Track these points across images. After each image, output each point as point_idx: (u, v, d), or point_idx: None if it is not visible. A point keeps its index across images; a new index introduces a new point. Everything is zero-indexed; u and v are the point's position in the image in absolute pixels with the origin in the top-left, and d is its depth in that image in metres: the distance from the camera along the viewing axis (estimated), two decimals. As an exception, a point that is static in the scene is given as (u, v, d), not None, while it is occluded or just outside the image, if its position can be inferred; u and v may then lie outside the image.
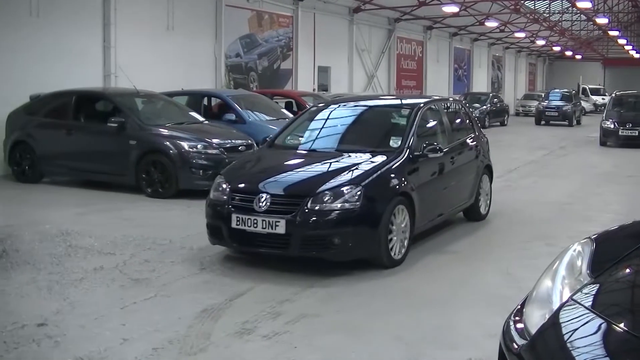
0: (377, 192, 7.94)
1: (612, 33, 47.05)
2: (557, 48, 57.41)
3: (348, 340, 5.86)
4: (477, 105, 35.39)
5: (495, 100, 38.04)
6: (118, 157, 13.09)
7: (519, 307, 3.90)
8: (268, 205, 7.65)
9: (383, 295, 7.16)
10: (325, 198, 7.62)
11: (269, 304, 6.57)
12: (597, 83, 65.70)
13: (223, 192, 8.12)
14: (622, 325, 3.30)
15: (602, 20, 41.73)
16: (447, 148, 9.51)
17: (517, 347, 3.54)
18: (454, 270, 8.24)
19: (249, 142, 13.46)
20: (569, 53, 61.03)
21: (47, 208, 11.65)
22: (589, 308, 3.48)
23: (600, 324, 3.33)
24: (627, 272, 3.85)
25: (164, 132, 13.15)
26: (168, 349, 5.60)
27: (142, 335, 5.88)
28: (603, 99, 55.33)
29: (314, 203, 7.58)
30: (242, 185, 8.17)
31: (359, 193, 7.70)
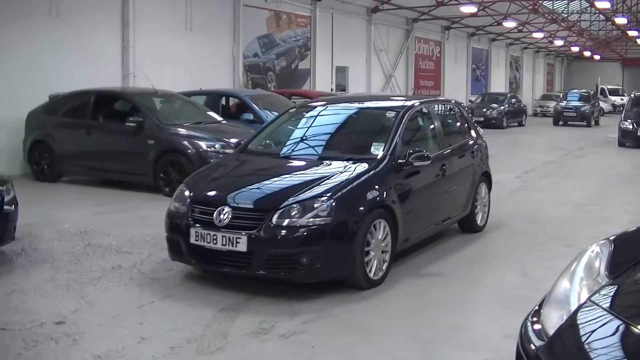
0: (351, 205, 7.12)
1: (631, 33, 46.82)
2: (575, 48, 57.16)
3: (364, 340, 5.86)
4: (495, 106, 35.31)
5: (513, 101, 37.90)
6: (136, 156, 13.13)
7: (537, 308, 3.89)
8: (229, 219, 6.90)
9: (397, 297, 7.16)
10: (293, 212, 6.82)
11: (286, 304, 6.58)
12: (615, 83, 65.31)
13: (184, 202, 7.39)
14: (640, 327, 3.30)
15: (621, 20, 41.48)
16: (437, 154, 8.76)
17: (534, 348, 3.53)
18: (468, 272, 8.22)
19: (267, 141, 13.45)
20: (588, 53, 60.72)
21: (65, 207, 11.72)
22: (607, 309, 3.48)
23: (618, 326, 3.33)
24: (645, 273, 3.84)
25: (182, 131, 13.18)
26: (185, 348, 5.62)
27: (159, 334, 5.90)
28: (621, 100, 55.01)
29: (280, 218, 6.79)
30: (203, 196, 7.41)
31: (331, 206, 6.89)
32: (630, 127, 25.33)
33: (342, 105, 9.76)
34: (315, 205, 6.88)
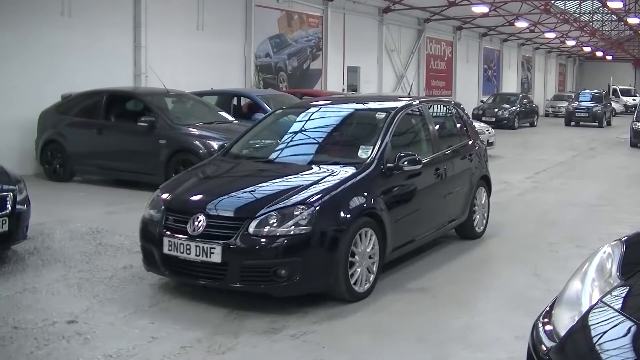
0: (335, 212, 6.64)
1: (643, 33, 46.65)
2: (587, 48, 56.93)
3: (374, 341, 5.86)
4: (506, 106, 35.22)
5: (525, 101, 37.79)
6: (148, 156, 13.16)
7: (548, 309, 3.89)
8: (204, 228, 6.49)
9: (405, 298, 7.15)
10: (271, 220, 6.38)
11: (297, 304, 6.57)
12: (627, 84, 65.08)
13: (158, 209, 6.99)
14: (652, 328, 3.29)
15: (633, 21, 41.25)
16: (430, 158, 8.35)
17: (545, 349, 3.52)
18: (478, 273, 8.20)
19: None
20: (600, 54, 60.47)
21: (77, 206, 11.76)
22: (619, 310, 3.47)
23: (630, 327, 3.32)
24: (657, 274, 3.84)
25: (194, 131, 13.20)
26: (196, 348, 5.63)
27: (170, 334, 5.92)
28: (634, 100, 54.92)
29: (257, 226, 6.36)
30: (177, 203, 6.99)
31: (312, 214, 6.44)
32: (643, 127, 25.28)
33: (330, 107, 9.13)
34: (295, 213, 6.44)
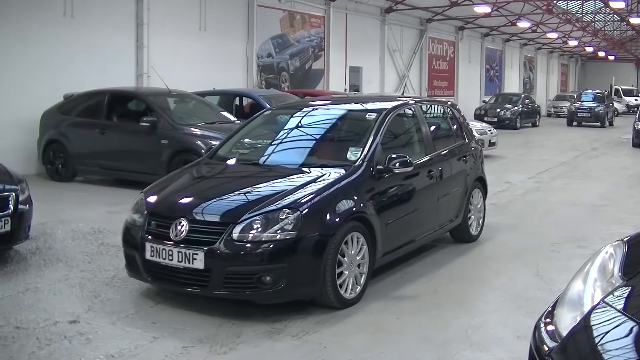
0: (321, 217, 6.46)
1: (646, 33, 46.61)
2: (589, 49, 56.92)
3: (376, 341, 5.86)
4: (508, 106, 35.21)
5: (527, 101, 37.76)
6: (150, 156, 13.17)
7: (550, 309, 3.88)
8: (186, 233, 6.31)
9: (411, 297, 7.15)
10: (255, 225, 6.20)
11: (299, 304, 6.56)
12: (630, 84, 65.07)
13: (141, 213, 6.83)
14: (654, 329, 3.29)
15: (635, 21, 41.25)
16: (423, 160, 8.16)
17: (547, 349, 3.52)
18: (480, 272, 8.20)
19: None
20: (602, 54, 60.44)
21: (79, 206, 11.77)
22: (621, 311, 3.47)
23: (632, 327, 3.32)
24: (659, 275, 3.83)
25: (196, 131, 13.20)
26: (198, 348, 5.63)
27: (172, 334, 5.92)
28: (636, 100, 54.94)
29: (241, 231, 6.18)
30: (160, 207, 6.80)
31: (298, 219, 6.25)
32: (645, 127, 25.27)
33: (320, 108, 8.86)
34: (281, 218, 6.25)
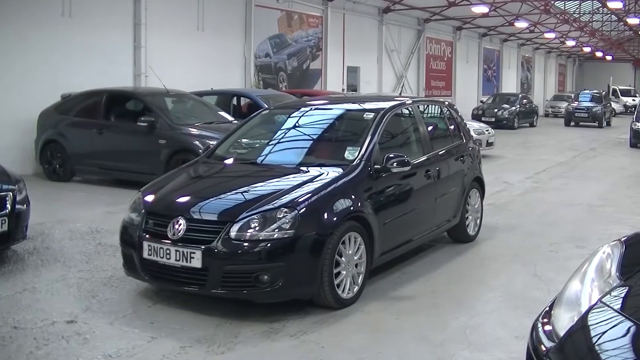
0: (319, 216, 6.46)
1: (643, 34, 46.65)
2: (587, 49, 56.96)
3: (375, 341, 5.86)
4: (506, 106, 35.21)
5: (525, 101, 37.76)
6: (148, 156, 13.16)
7: (547, 309, 3.89)
8: (184, 232, 6.32)
9: (409, 298, 7.16)
10: (252, 224, 6.20)
11: (297, 304, 6.56)
12: (627, 84, 65.12)
13: (139, 212, 6.84)
14: (651, 329, 3.29)
15: (633, 21, 41.27)
16: (420, 159, 8.16)
17: (545, 349, 3.52)
18: (478, 272, 8.20)
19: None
20: (600, 54, 60.50)
21: (77, 206, 11.77)
22: (618, 311, 3.47)
23: (629, 327, 3.32)
24: (657, 275, 3.84)
25: (194, 131, 13.19)
26: (196, 348, 5.63)
27: (170, 334, 5.92)
28: (634, 100, 54.93)
29: (238, 230, 6.18)
30: (158, 206, 6.80)
31: (295, 218, 6.25)
32: (643, 128, 25.29)
33: (318, 107, 8.82)
34: (279, 217, 6.25)
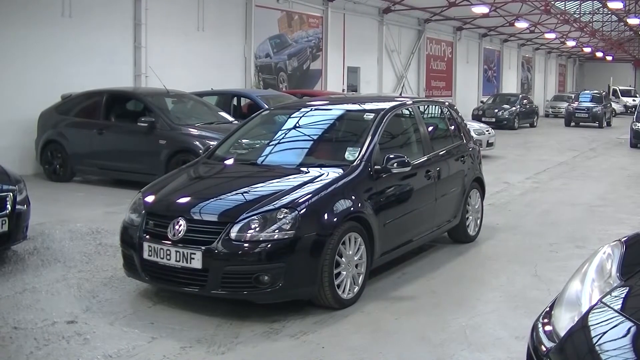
0: (319, 216, 6.46)
1: (644, 34, 46.65)
2: (587, 49, 56.97)
3: (375, 341, 5.86)
4: (506, 107, 35.21)
5: (525, 102, 37.76)
6: (148, 156, 13.17)
7: (548, 309, 3.89)
8: (184, 233, 6.32)
9: (410, 298, 7.16)
10: (253, 225, 6.20)
11: (297, 304, 6.56)
12: (627, 84, 65.15)
13: (139, 213, 6.84)
14: (651, 329, 3.29)
15: (633, 21, 41.23)
16: (421, 160, 8.16)
17: (545, 349, 3.52)
18: (478, 272, 8.20)
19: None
20: (600, 54, 60.49)
21: (77, 207, 11.77)
22: (619, 311, 3.47)
23: (630, 327, 3.32)
24: (657, 275, 3.84)
25: (194, 131, 13.20)
26: (196, 348, 5.63)
27: (170, 334, 5.92)
28: (634, 101, 54.94)
29: (239, 231, 6.18)
30: (158, 207, 6.80)
31: (295, 218, 6.24)
32: (643, 128, 25.29)
33: (318, 108, 8.81)
34: (279, 217, 6.25)
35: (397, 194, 7.61)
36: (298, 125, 8.40)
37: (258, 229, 6.20)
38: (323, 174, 7.02)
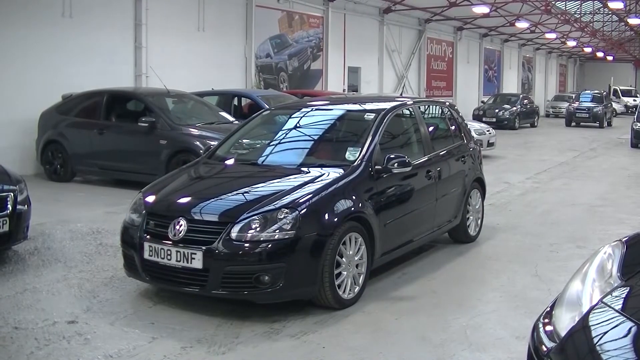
0: (320, 216, 6.45)
1: (644, 34, 46.63)
2: (588, 49, 56.93)
3: (375, 341, 5.86)
4: (507, 107, 35.21)
5: (526, 102, 37.76)
6: (149, 156, 13.17)
7: (548, 309, 3.88)
8: (185, 233, 6.32)
9: (410, 298, 7.16)
10: (253, 225, 6.20)
11: (297, 304, 6.56)
12: (628, 84, 65.18)
13: (139, 213, 6.84)
14: (652, 329, 3.29)
15: (634, 21, 41.19)
16: (421, 160, 8.15)
17: (546, 349, 3.52)
18: (479, 272, 8.20)
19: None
20: (600, 54, 60.44)
21: (78, 207, 11.77)
22: (619, 311, 3.47)
23: (631, 327, 3.32)
24: (657, 275, 3.83)
25: (194, 131, 13.20)
26: (196, 348, 5.63)
27: (170, 334, 5.92)
28: (634, 101, 54.95)
29: (239, 231, 6.18)
30: (158, 207, 6.79)
31: (296, 218, 6.24)
32: (643, 128, 25.29)
33: (318, 108, 8.80)
34: (279, 217, 6.24)
35: (397, 194, 7.60)
36: (299, 126, 8.38)
37: (259, 229, 6.20)
38: (324, 174, 7.02)
